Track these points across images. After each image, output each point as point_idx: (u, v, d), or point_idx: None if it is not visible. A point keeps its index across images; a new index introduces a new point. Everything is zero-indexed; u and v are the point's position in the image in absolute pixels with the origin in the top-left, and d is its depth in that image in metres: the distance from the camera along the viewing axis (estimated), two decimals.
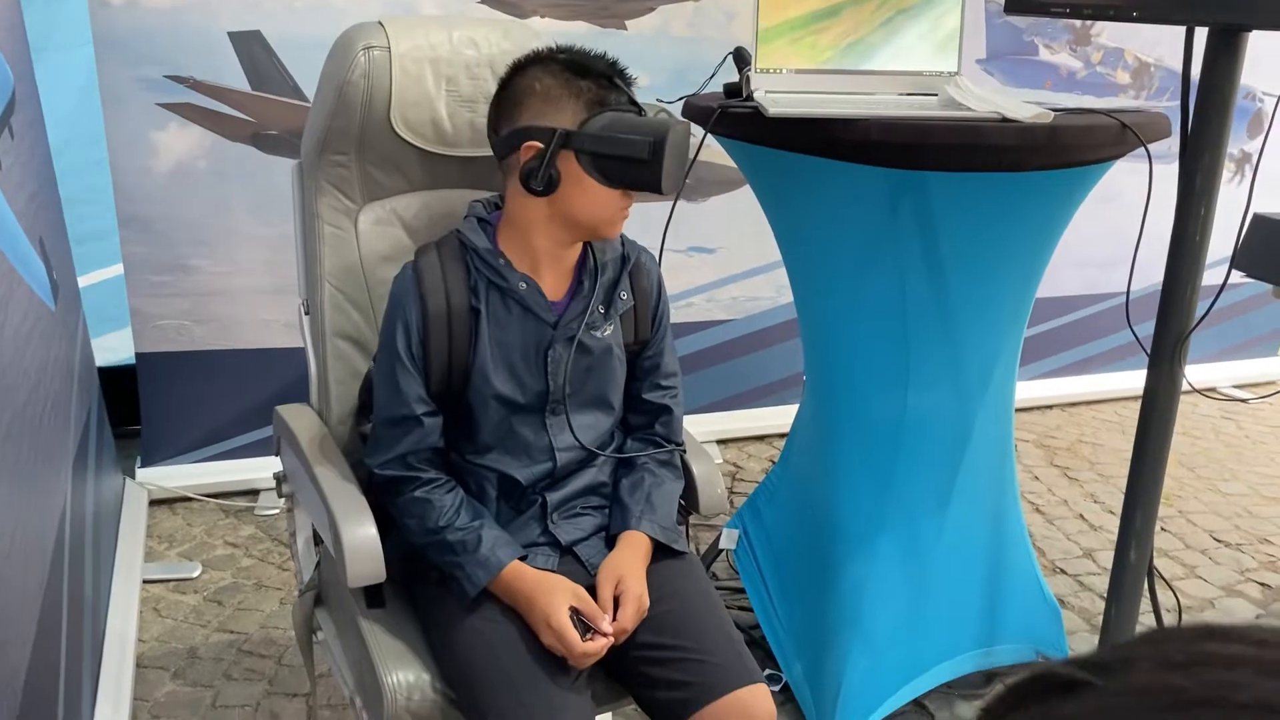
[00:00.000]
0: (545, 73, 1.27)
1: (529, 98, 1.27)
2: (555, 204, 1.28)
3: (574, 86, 1.26)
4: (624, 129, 1.23)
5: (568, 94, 1.26)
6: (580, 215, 1.29)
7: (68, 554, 1.67)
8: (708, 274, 2.98)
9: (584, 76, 1.26)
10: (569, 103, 1.25)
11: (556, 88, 1.26)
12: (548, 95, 1.26)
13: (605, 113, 1.25)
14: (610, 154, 1.24)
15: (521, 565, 1.29)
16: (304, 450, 1.40)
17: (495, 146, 1.32)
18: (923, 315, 1.78)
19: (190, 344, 2.56)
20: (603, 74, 1.27)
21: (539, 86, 1.26)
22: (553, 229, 1.31)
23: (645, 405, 1.44)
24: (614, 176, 1.26)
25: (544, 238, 1.32)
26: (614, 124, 1.24)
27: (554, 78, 1.26)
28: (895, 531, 1.90)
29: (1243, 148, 3.38)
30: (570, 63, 1.27)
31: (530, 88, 1.27)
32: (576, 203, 1.28)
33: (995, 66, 3.04)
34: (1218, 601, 2.41)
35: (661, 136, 1.21)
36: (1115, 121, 1.55)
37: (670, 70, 2.60)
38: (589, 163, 1.25)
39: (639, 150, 1.22)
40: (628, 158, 1.23)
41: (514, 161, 1.28)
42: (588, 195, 1.27)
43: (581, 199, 1.28)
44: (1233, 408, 3.57)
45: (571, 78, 1.26)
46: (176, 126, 2.41)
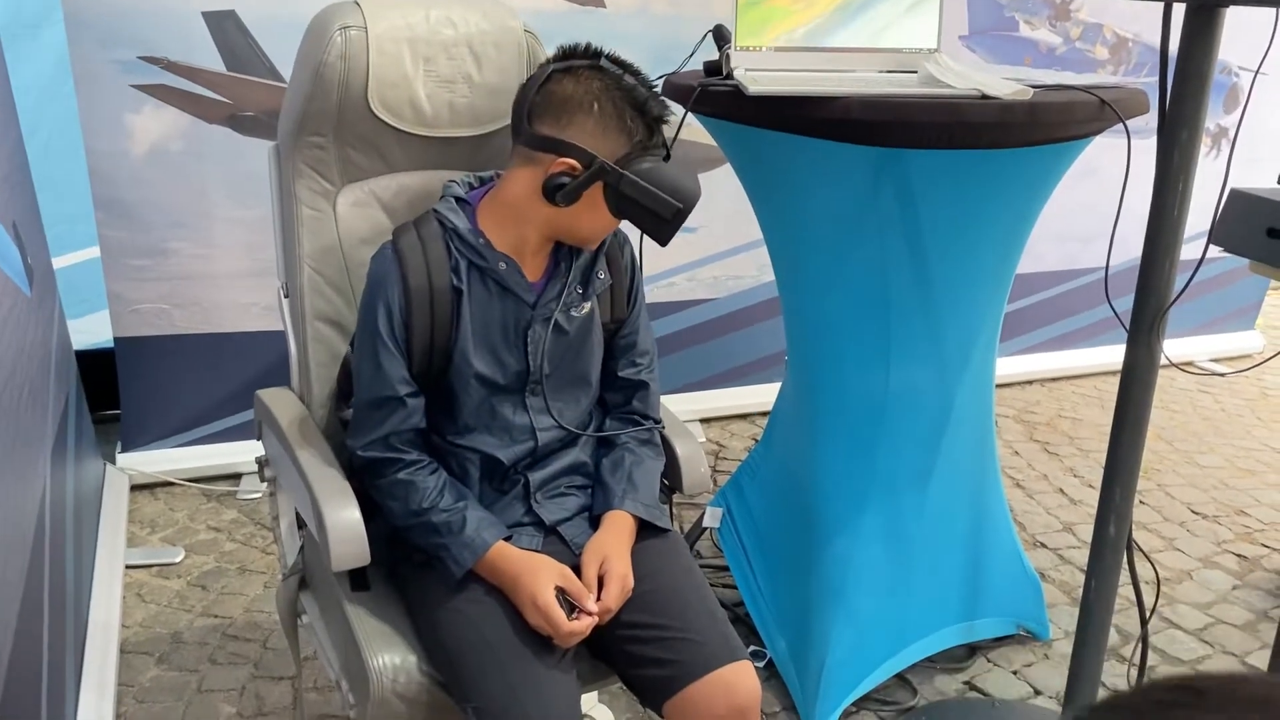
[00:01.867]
0: (606, 98, 1.26)
1: (582, 115, 1.26)
2: (561, 215, 1.30)
3: (628, 125, 1.27)
4: (660, 185, 1.26)
5: (620, 129, 1.26)
6: (579, 230, 1.33)
7: (48, 541, 1.66)
8: (689, 253, 2.98)
9: (640, 115, 1.27)
10: (619, 137, 1.26)
11: (613, 119, 1.26)
12: (602, 122, 1.26)
13: (645, 158, 1.27)
14: (638, 201, 1.26)
15: (506, 546, 1.29)
16: (285, 434, 1.40)
17: (525, 136, 1.30)
18: (903, 292, 1.79)
19: (169, 328, 2.54)
20: (656, 117, 1.29)
21: (597, 108, 1.26)
22: (544, 228, 1.33)
23: (622, 382, 1.45)
24: (630, 217, 1.30)
25: (535, 232, 1.33)
26: (652, 176, 1.26)
27: (614, 106, 1.26)
28: (877, 508, 1.91)
29: (1219, 122, 3.40)
30: (632, 95, 1.27)
31: (587, 105, 1.26)
32: (582, 220, 1.31)
33: (976, 42, 3.04)
34: (1195, 573, 2.44)
35: (690, 205, 1.27)
36: (1094, 98, 1.56)
37: (650, 48, 2.56)
38: (611, 199, 1.28)
39: (665, 210, 1.27)
40: (653, 211, 1.27)
41: (539, 161, 1.28)
42: (595, 217, 1.30)
43: (588, 219, 1.31)
44: (1210, 381, 3.60)
45: (630, 113, 1.27)
46: (151, 108, 2.38)
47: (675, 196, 1.26)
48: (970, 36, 3.03)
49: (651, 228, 1.29)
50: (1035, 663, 2.09)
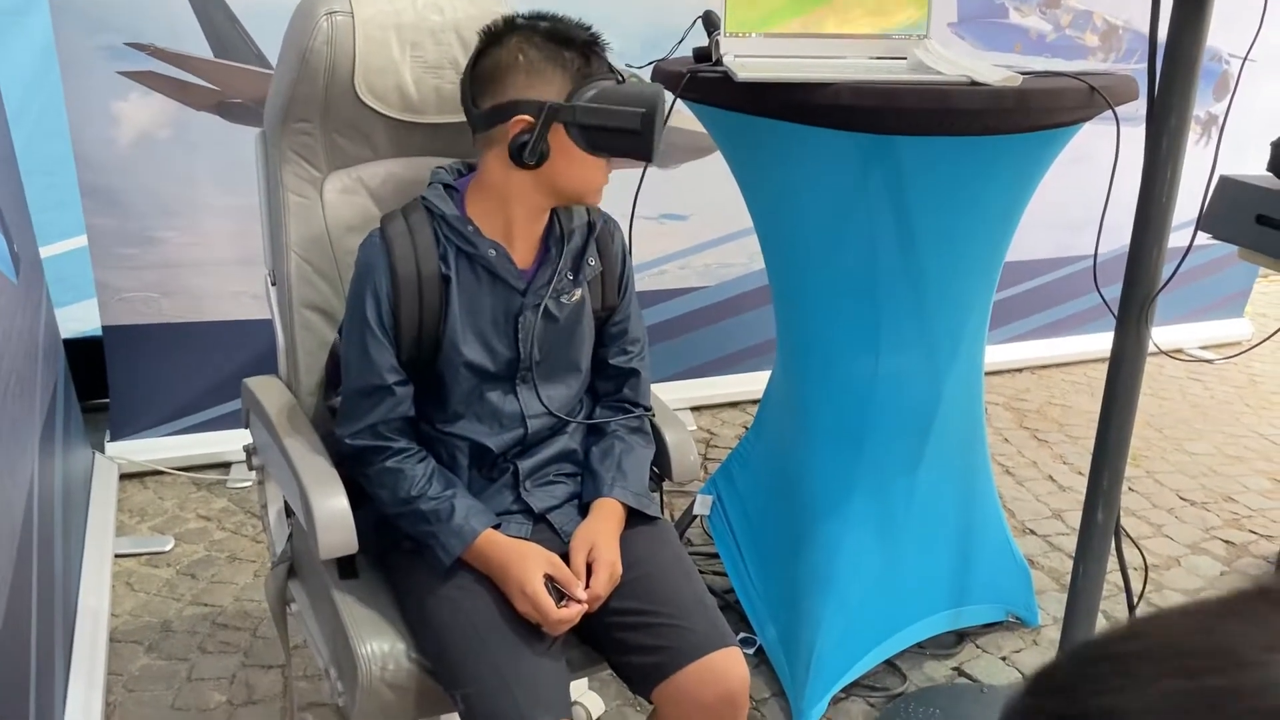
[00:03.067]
0: (528, 44, 1.25)
1: (512, 71, 1.25)
2: (541, 174, 1.27)
3: (559, 58, 1.24)
4: (615, 100, 1.23)
5: (553, 66, 1.24)
6: (567, 185, 1.30)
7: (36, 530, 1.65)
8: (680, 241, 2.98)
9: (568, 47, 1.25)
10: (555, 75, 1.24)
11: (541, 60, 1.24)
12: (533, 68, 1.24)
13: (592, 84, 1.24)
14: (602, 126, 1.23)
15: (495, 534, 1.29)
16: (273, 422, 1.39)
17: (475, 119, 1.29)
18: (893, 280, 1.79)
19: (158, 316, 2.53)
20: (585, 43, 1.26)
21: (522, 59, 1.25)
22: (534, 197, 1.31)
23: (612, 370, 1.44)
24: (604, 147, 1.26)
25: (522, 205, 1.31)
26: (604, 96, 1.23)
27: (538, 49, 1.25)
28: (867, 495, 1.92)
29: (1208, 109, 3.40)
30: (552, 33, 1.26)
31: (513, 60, 1.25)
32: (564, 174, 1.28)
33: (966, 29, 3.03)
34: (1184, 559, 2.45)
35: (653, 107, 1.21)
36: (1083, 84, 1.56)
37: (639, 34, 2.56)
38: (579, 135, 1.24)
39: (631, 122, 1.22)
40: (620, 129, 1.23)
41: (499, 134, 1.26)
42: (575, 165, 1.27)
43: (569, 170, 1.27)
44: (1199, 369, 3.61)
45: (556, 49, 1.25)
46: (138, 95, 2.36)
47: (635, 104, 1.22)
48: (960, 23, 3.02)
49: (629, 147, 1.24)
50: (1024, 649, 2.10)
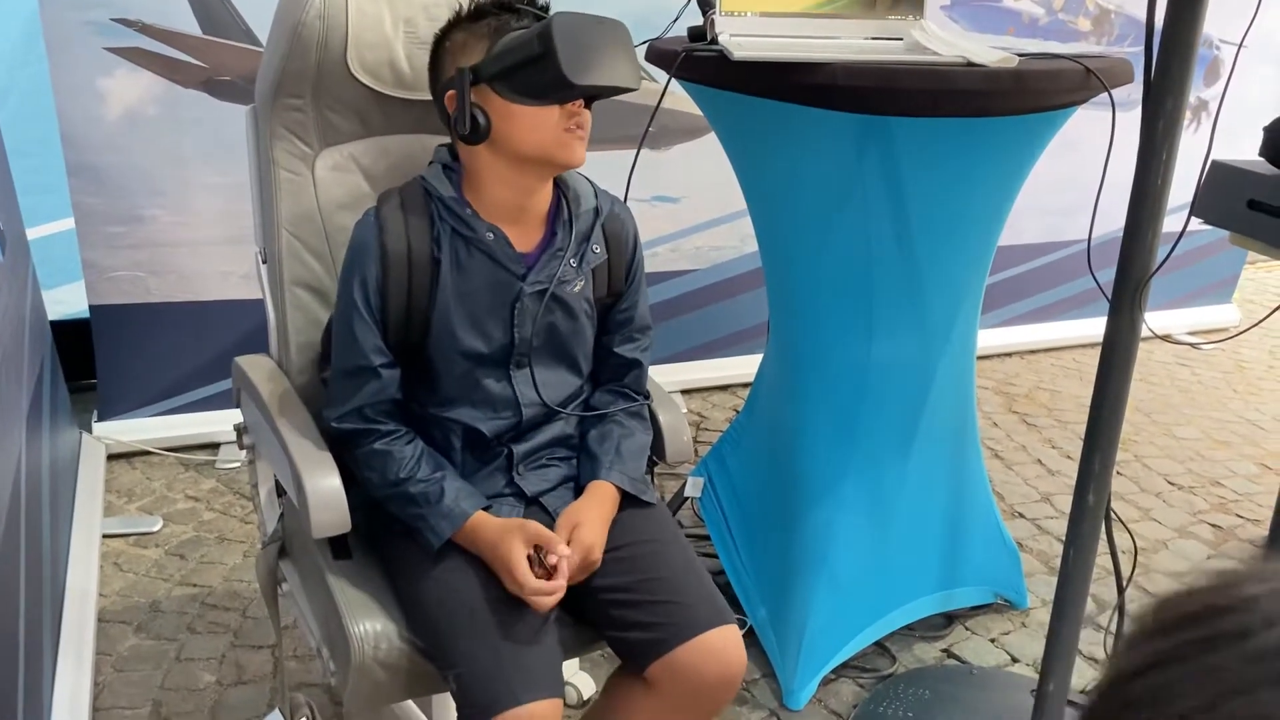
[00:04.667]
0: (454, 28, 1.28)
1: (444, 57, 1.28)
2: (496, 145, 1.26)
3: (476, 29, 1.26)
4: (516, 38, 1.22)
5: (472, 37, 1.26)
6: (523, 146, 1.26)
7: (24, 510, 1.64)
8: (672, 223, 2.97)
9: (481, 17, 1.26)
10: (474, 43, 1.25)
11: (460, 34, 1.27)
12: (456, 46, 1.27)
13: (504, 36, 1.23)
14: (510, 66, 1.21)
15: (485, 515, 1.29)
16: (265, 401, 1.38)
17: (442, 118, 1.31)
18: (886, 262, 1.79)
19: (145, 295, 2.51)
20: (499, 5, 1.27)
21: (449, 43, 1.28)
22: (508, 174, 1.29)
23: (617, 358, 1.43)
24: (525, 89, 1.22)
25: (502, 186, 1.29)
26: (509, 39, 1.23)
27: (461, 30, 1.27)
28: (858, 477, 1.92)
29: (1200, 95, 3.40)
30: (473, 10, 1.28)
31: (443, 48, 1.29)
32: (514, 135, 1.25)
33: (959, 12, 3.03)
34: (1171, 543, 2.46)
35: (545, 27, 1.18)
36: (1079, 66, 1.55)
37: (634, 14, 2.54)
38: (502, 86, 1.23)
39: (530, 49, 1.18)
40: (524, 61, 1.19)
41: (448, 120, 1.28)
42: (520, 123, 1.24)
43: (516, 129, 1.24)
44: (1187, 354, 3.63)
45: (474, 23, 1.26)
46: (125, 72, 2.33)
47: (532, 30, 1.19)
48: (953, 6, 3.01)
49: (545, 77, 1.18)
50: (1013, 631, 2.11)
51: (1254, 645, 0.33)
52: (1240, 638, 0.34)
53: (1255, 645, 0.33)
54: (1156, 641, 0.36)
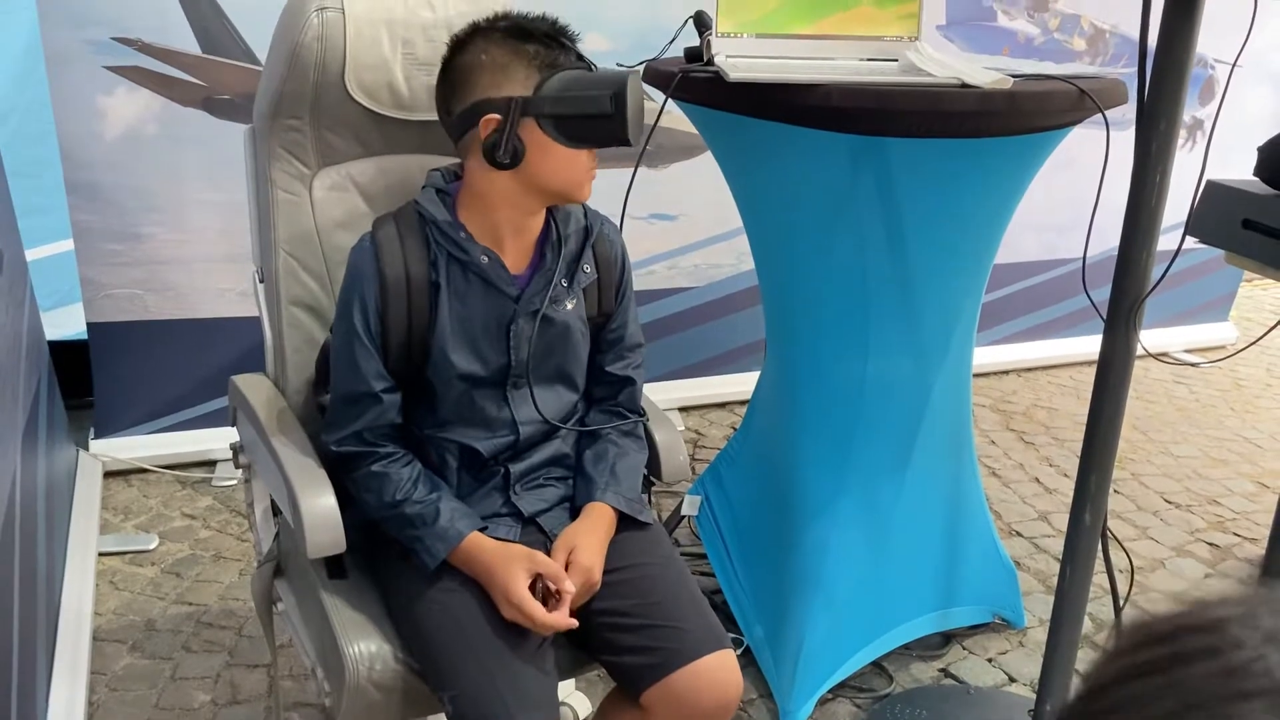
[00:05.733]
0: (488, 43, 1.24)
1: (477, 72, 1.24)
2: (522, 174, 1.25)
3: (521, 52, 1.23)
4: (582, 86, 1.22)
5: (516, 61, 1.23)
6: (549, 182, 1.27)
7: (18, 528, 1.64)
8: (669, 241, 2.97)
9: (529, 40, 1.24)
10: (519, 69, 1.23)
11: (504, 56, 1.23)
12: (496, 65, 1.23)
13: (558, 73, 1.23)
14: (572, 114, 1.22)
15: (480, 536, 1.28)
16: (261, 420, 1.38)
17: (449, 126, 1.29)
18: (882, 280, 1.79)
19: (143, 313, 2.51)
20: (546, 34, 1.25)
21: (485, 59, 1.24)
22: (520, 200, 1.29)
23: (609, 377, 1.44)
24: (578, 136, 1.24)
25: (510, 209, 1.30)
26: (570, 83, 1.22)
27: (499, 46, 1.24)
28: (855, 495, 1.92)
29: (1194, 114, 3.42)
30: (512, 29, 1.25)
31: (477, 61, 1.24)
32: (544, 170, 1.26)
33: (954, 32, 3.04)
34: (1169, 562, 2.46)
35: (621, 88, 1.20)
36: (1073, 88, 1.56)
37: (631, 34, 2.56)
38: (551, 126, 1.23)
39: (601, 105, 1.20)
40: (590, 115, 1.21)
41: (473, 138, 1.25)
42: (554, 160, 1.25)
43: (548, 165, 1.25)
44: (1184, 372, 3.63)
45: (517, 44, 1.24)
46: (124, 90, 2.34)
47: (604, 87, 1.21)
48: (948, 26, 3.03)
49: (603, 132, 1.22)
50: (1010, 650, 2.10)
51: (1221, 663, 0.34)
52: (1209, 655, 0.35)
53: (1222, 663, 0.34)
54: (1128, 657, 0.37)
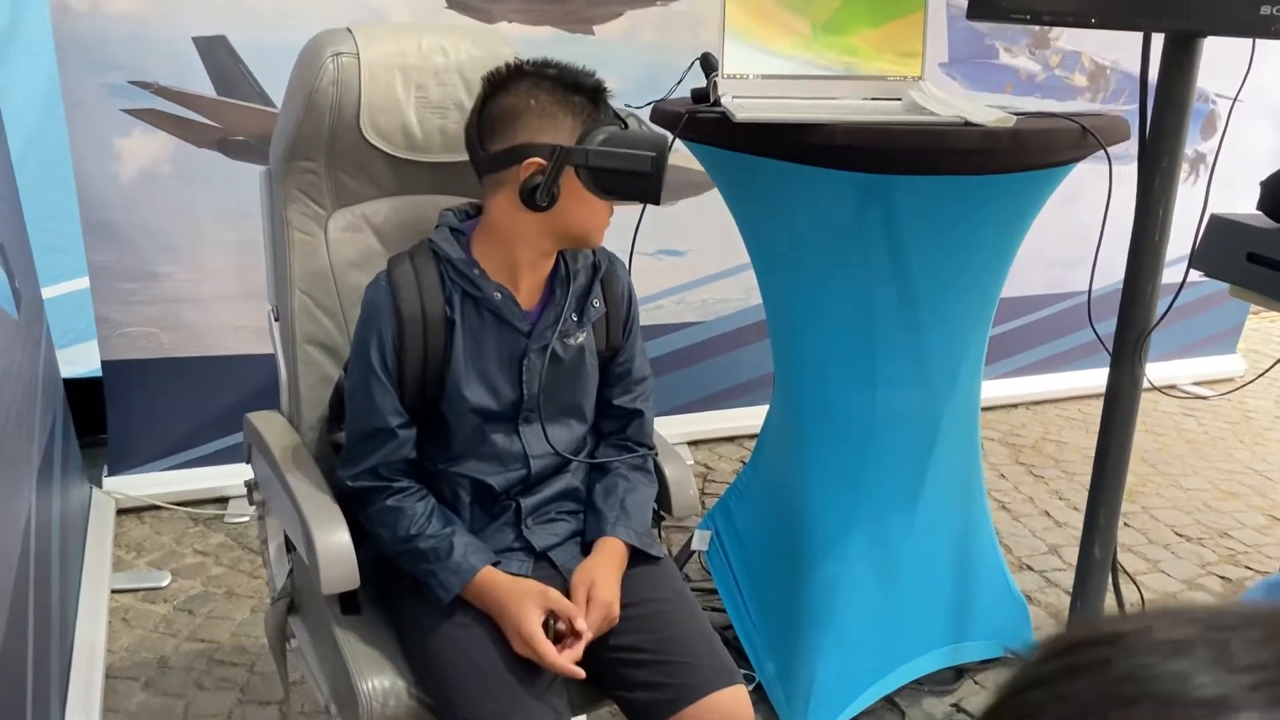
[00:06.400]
0: (538, 89, 1.27)
1: (524, 114, 1.27)
2: (549, 217, 1.29)
3: (569, 103, 1.27)
4: (625, 144, 1.26)
5: (564, 110, 1.27)
6: (573, 227, 1.31)
7: (33, 566, 1.65)
8: (677, 276, 3.00)
9: (577, 92, 1.28)
10: (566, 119, 1.26)
11: (552, 104, 1.27)
12: (545, 112, 1.27)
13: (601, 128, 1.26)
14: (613, 168, 1.25)
15: (494, 571, 1.30)
16: (275, 457, 1.40)
17: (482, 162, 1.31)
18: (889, 315, 1.81)
19: (157, 351, 2.54)
20: (593, 89, 1.29)
21: (534, 103, 1.27)
22: (541, 241, 1.32)
23: (617, 410, 1.45)
24: (613, 190, 1.28)
25: (529, 249, 1.32)
26: (615, 140, 1.26)
27: (548, 94, 1.27)
28: (865, 530, 1.92)
29: (1197, 148, 3.45)
30: (561, 79, 1.28)
31: (524, 104, 1.27)
32: (571, 216, 1.29)
33: (957, 70, 3.08)
34: (1180, 595, 2.45)
35: (662, 150, 1.25)
36: (1076, 125, 1.58)
37: (638, 75, 2.59)
38: (589, 177, 1.26)
39: (642, 164, 1.24)
40: (631, 172, 1.25)
41: (508, 177, 1.28)
42: (583, 208, 1.29)
43: (577, 212, 1.29)
44: (1193, 404, 3.63)
45: (566, 94, 1.27)
46: (141, 132, 2.38)
47: (646, 148, 1.25)
48: (951, 64, 3.06)
49: (638, 190, 1.27)
50: None
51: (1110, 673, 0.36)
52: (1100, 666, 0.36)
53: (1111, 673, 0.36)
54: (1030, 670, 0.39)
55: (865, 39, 1.72)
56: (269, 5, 2.38)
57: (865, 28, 1.72)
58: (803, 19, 1.71)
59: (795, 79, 1.70)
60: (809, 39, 1.71)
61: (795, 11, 1.70)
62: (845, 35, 1.72)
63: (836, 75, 1.71)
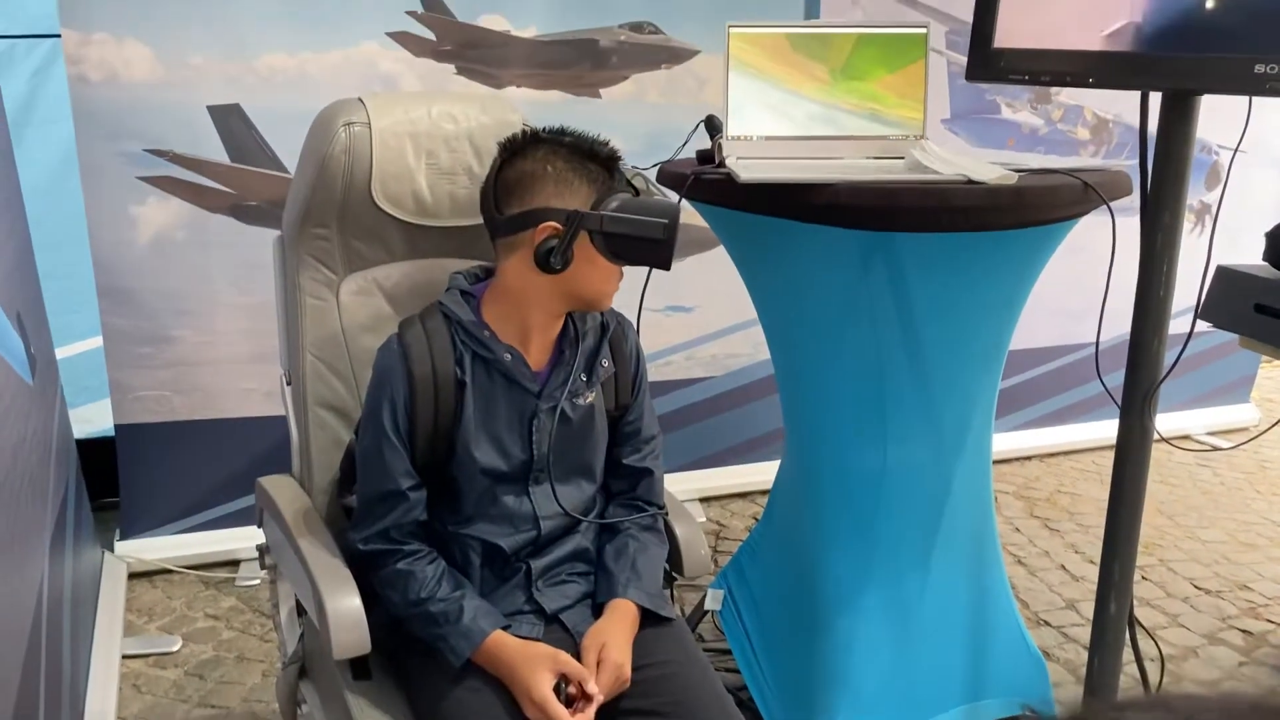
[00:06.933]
0: (554, 156, 1.31)
1: (541, 180, 1.30)
2: (562, 280, 1.31)
3: (585, 169, 1.30)
4: (638, 211, 1.28)
5: (579, 177, 1.30)
6: (586, 290, 1.33)
7: (45, 632, 1.65)
8: (685, 332, 3.01)
9: (592, 160, 1.31)
10: (581, 185, 1.29)
11: (568, 171, 1.30)
12: (561, 178, 1.29)
13: (614, 195, 1.29)
14: (627, 234, 1.28)
15: (504, 635, 1.29)
16: (287, 522, 1.40)
17: (497, 225, 1.33)
18: (898, 371, 1.81)
19: (170, 414, 2.55)
20: (607, 157, 1.32)
21: (551, 169, 1.30)
22: (553, 303, 1.34)
23: (627, 469, 1.46)
24: (624, 255, 1.30)
25: (540, 311, 1.34)
26: (628, 206, 1.28)
27: (564, 161, 1.30)
28: (879, 587, 1.91)
29: (1201, 199, 3.47)
30: (576, 146, 1.32)
31: (541, 170, 1.30)
32: (583, 280, 1.31)
33: (959, 125, 3.11)
34: (1201, 650, 2.42)
35: (675, 218, 1.27)
36: (1078, 181, 1.60)
37: (644, 136, 2.65)
38: (602, 242, 1.29)
39: (655, 231, 1.27)
40: (644, 238, 1.27)
41: (522, 240, 1.30)
42: (595, 272, 1.32)
43: (589, 276, 1.31)
44: (1208, 455, 3.61)
45: (581, 161, 1.31)
46: (156, 199, 2.42)
47: (659, 215, 1.28)
48: (953, 120, 3.10)
49: (650, 255, 1.29)
50: None
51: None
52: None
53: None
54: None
55: (866, 99, 1.75)
56: (281, 74, 2.43)
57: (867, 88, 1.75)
58: (806, 76, 1.74)
59: (799, 140, 1.73)
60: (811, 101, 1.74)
61: (799, 69, 1.73)
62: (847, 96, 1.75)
63: (840, 135, 1.74)
